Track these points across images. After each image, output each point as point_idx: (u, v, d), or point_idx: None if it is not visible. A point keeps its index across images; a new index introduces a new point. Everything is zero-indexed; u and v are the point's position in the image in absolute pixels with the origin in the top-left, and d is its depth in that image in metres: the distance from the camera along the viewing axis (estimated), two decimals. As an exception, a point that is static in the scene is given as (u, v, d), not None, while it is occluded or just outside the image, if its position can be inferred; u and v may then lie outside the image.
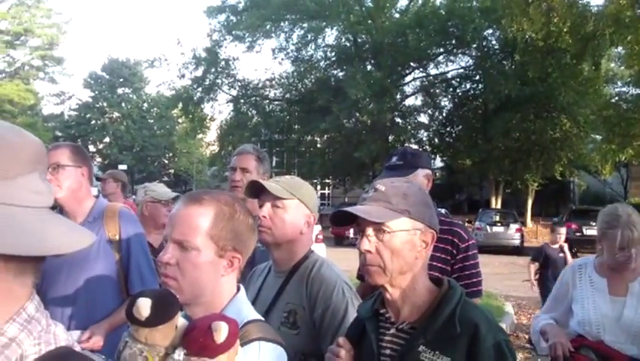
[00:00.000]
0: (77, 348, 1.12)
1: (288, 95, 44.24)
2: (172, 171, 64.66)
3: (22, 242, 0.99)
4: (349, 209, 2.13)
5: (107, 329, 3.48)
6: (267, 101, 44.96)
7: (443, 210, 4.16)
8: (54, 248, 1.04)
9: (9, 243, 0.97)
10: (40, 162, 1.10)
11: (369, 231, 2.09)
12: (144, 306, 1.37)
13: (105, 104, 61.69)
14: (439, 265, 3.39)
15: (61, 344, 1.09)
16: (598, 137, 35.18)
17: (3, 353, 1.01)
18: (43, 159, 1.12)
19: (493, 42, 39.22)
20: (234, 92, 44.08)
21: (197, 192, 2.07)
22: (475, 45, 38.35)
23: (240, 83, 43.78)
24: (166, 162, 65.40)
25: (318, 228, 14.51)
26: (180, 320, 1.43)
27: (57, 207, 3.55)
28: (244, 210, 2.06)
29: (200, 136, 53.31)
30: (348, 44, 41.24)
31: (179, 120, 56.98)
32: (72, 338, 1.14)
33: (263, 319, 2.11)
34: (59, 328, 1.12)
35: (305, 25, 40.85)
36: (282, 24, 41.36)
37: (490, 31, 37.48)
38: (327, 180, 49.08)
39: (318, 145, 44.89)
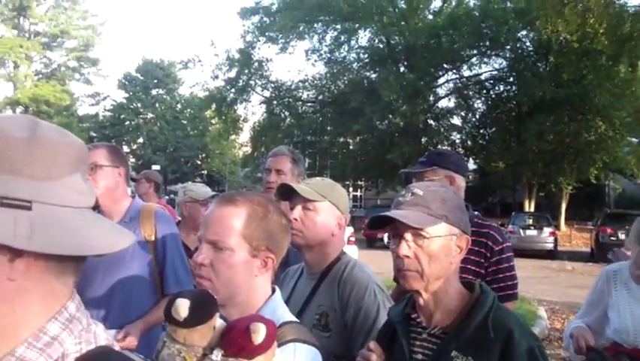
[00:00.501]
0: (117, 348, 1.13)
1: (320, 97, 44.19)
2: (205, 172, 64.89)
3: (64, 242, 1.00)
4: (389, 214, 2.12)
5: (141, 329, 3.50)
6: (300, 102, 44.95)
7: (476, 213, 4.11)
8: (96, 248, 1.05)
9: (52, 243, 0.99)
10: (83, 163, 1.12)
11: (408, 236, 2.08)
12: (183, 307, 1.38)
13: (139, 105, 62.09)
14: (473, 268, 3.37)
15: (102, 343, 1.10)
16: (634, 139, 34.78)
17: (45, 352, 1.02)
18: (85, 160, 1.13)
19: (528, 44, 38.81)
20: (267, 94, 44.15)
21: (230, 193, 2.10)
22: (509, 47, 38.01)
23: (273, 85, 43.82)
24: (199, 162, 65.65)
25: (350, 230, 14.50)
26: (218, 321, 1.43)
27: (97, 208, 3.57)
28: (277, 211, 2.07)
29: (233, 137, 53.42)
30: (381, 46, 41.09)
31: (212, 121, 57.22)
32: (111, 337, 1.15)
33: (298, 320, 2.11)
34: (99, 327, 1.13)
35: (338, 26, 40.84)
36: (315, 25, 41.35)
37: (524, 32, 37.10)
38: (360, 182, 48.99)
39: (351, 147, 44.78)
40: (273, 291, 2.10)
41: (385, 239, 2.31)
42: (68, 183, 1.06)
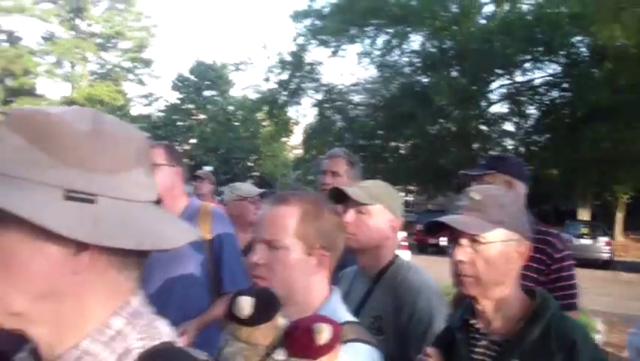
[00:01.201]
0: (179, 344, 1.13)
1: (372, 101, 44.10)
2: (256, 173, 65.17)
3: (129, 236, 1.00)
4: (444, 219, 2.10)
5: (197, 328, 3.53)
6: (352, 106, 44.91)
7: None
8: (161, 243, 1.05)
9: (116, 236, 0.99)
10: (146, 157, 1.11)
11: (464, 241, 2.06)
12: (246, 305, 1.38)
13: (192, 106, 62.69)
14: (533, 275, 3.29)
15: (165, 339, 1.10)
16: (695, 149, 34.01)
17: (110, 346, 1.03)
18: (147, 154, 1.13)
19: (583, 49, 38.18)
20: (319, 97, 44.20)
21: (283, 193, 2.11)
22: (563, 52, 37.45)
23: (324, 88, 43.87)
24: (250, 164, 65.97)
25: (402, 234, 14.43)
26: (281, 320, 1.42)
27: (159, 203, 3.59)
28: (330, 209, 2.07)
29: (284, 139, 53.65)
30: (433, 50, 40.84)
31: (264, 123, 57.51)
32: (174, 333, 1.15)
33: (358, 321, 2.10)
34: (162, 322, 1.13)
35: (390, 30, 40.69)
36: (366, 29, 41.26)
37: (579, 37, 36.51)
38: (411, 187, 48.73)
39: (402, 151, 44.62)
40: (332, 291, 2.09)
41: (445, 243, 2.29)
42: (132, 177, 1.06)
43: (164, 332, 1.11)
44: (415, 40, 41.87)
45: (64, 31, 56.19)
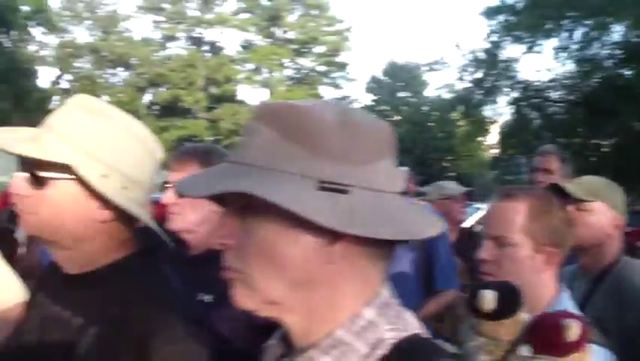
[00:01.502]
0: (427, 335, 1.12)
1: (570, 97, 42.45)
2: (453, 173, 64.57)
3: (381, 226, 1.01)
4: None
5: None
6: (549, 103, 43.41)
7: None
8: (412, 233, 1.05)
9: (370, 227, 1.00)
10: (392, 147, 1.12)
11: None
12: (490, 299, 1.36)
13: (386, 108, 63.06)
14: None
15: (415, 331, 1.09)
16: None
17: (362, 336, 1.04)
18: (393, 145, 1.14)
19: None
20: (515, 94, 43.07)
21: (510, 188, 2.07)
22: None
23: (520, 85, 42.70)
24: (446, 164, 65.46)
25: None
26: (524, 315, 1.40)
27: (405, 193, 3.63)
28: (559, 205, 2.01)
29: (480, 139, 52.78)
30: (636, 40, 38.67)
31: (459, 123, 56.88)
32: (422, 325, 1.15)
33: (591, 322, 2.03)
34: (409, 314, 1.13)
35: (588, 22, 38.97)
36: (563, 22, 39.73)
37: None
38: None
39: (604, 149, 42.61)
40: (561, 289, 2.03)
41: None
42: (381, 168, 1.07)
43: (412, 323, 1.11)
44: (617, 31, 39.79)
45: (261, 39, 58.51)
